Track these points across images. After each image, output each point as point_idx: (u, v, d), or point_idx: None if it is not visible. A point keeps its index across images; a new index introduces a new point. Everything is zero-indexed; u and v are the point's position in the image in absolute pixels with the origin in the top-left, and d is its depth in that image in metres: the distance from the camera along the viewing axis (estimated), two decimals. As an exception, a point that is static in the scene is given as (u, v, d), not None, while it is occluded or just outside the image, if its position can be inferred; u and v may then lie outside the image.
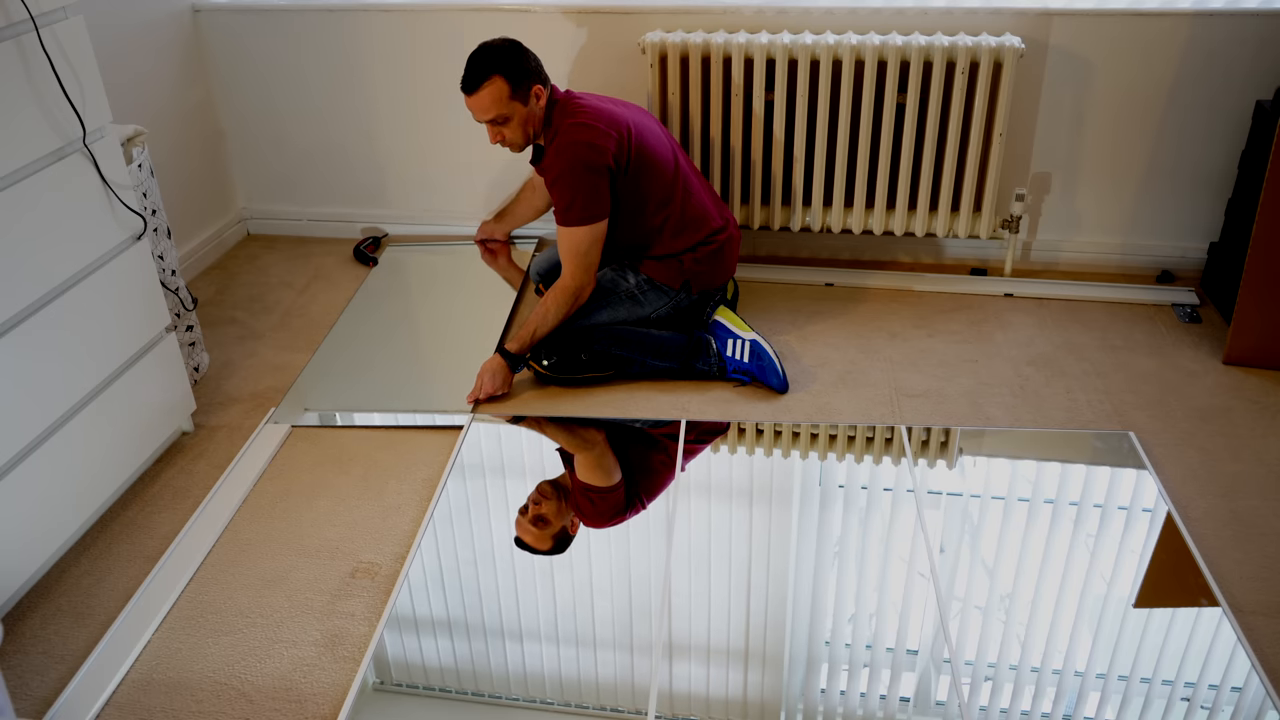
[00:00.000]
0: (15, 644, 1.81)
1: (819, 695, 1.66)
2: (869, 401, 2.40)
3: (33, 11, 1.77)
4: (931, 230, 2.87)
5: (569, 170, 2.29)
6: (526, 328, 2.40)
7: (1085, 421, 2.31)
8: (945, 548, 1.96)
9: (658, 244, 2.47)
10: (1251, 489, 2.09)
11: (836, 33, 2.76)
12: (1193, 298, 2.81)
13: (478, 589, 1.90)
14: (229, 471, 2.22)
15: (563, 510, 2.08)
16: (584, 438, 2.26)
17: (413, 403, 2.44)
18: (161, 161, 2.96)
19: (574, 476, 2.16)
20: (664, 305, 2.51)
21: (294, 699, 1.68)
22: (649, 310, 2.51)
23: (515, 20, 2.93)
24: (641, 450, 2.22)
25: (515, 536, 2.01)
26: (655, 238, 2.46)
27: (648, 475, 2.16)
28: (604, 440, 2.24)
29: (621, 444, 2.24)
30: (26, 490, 1.84)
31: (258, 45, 3.10)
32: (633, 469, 2.17)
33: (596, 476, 2.14)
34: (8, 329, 1.78)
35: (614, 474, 2.14)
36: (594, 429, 2.28)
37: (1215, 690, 1.65)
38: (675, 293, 2.50)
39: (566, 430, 2.30)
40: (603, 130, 2.31)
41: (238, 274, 3.14)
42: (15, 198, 1.77)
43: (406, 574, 1.93)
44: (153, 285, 2.16)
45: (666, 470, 2.16)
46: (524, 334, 2.40)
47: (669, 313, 2.54)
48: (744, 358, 2.42)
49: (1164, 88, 2.75)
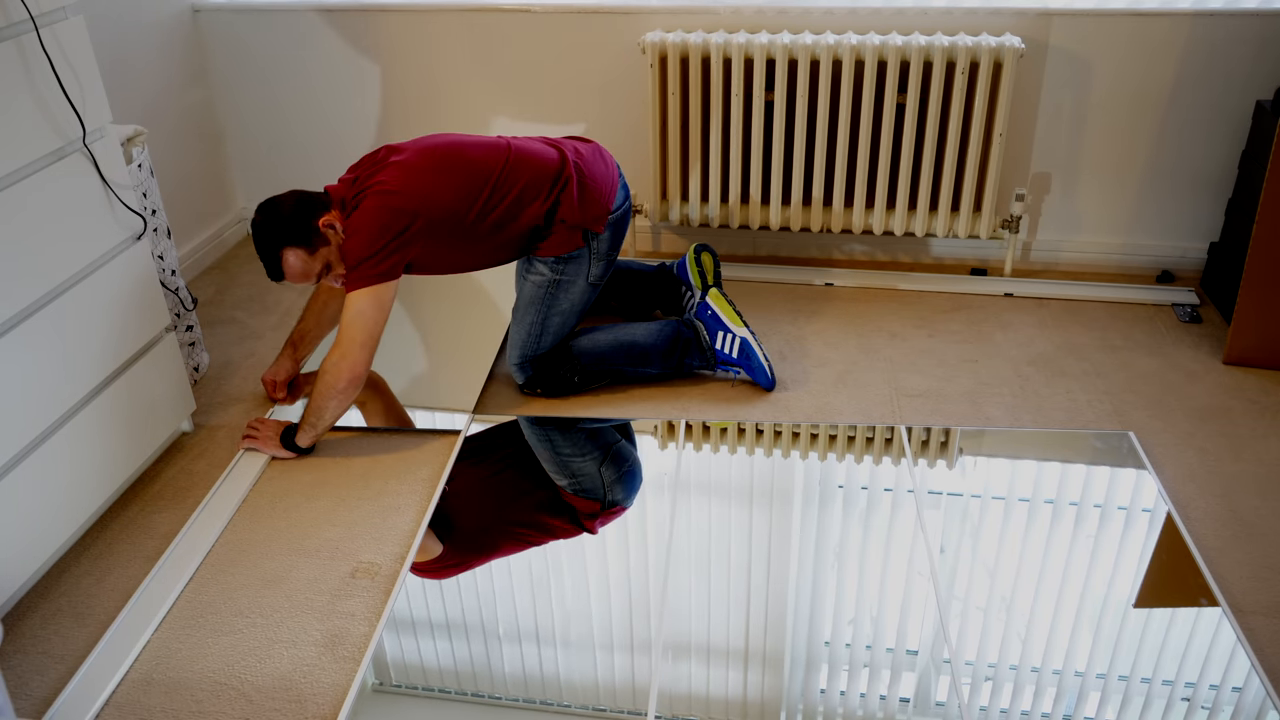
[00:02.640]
0: (15, 644, 1.81)
1: (819, 695, 1.66)
2: (869, 401, 2.40)
3: (33, 11, 1.76)
4: (931, 230, 2.87)
5: (370, 218, 2.10)
6: (306, 421, 2.21)
7: (1085, 421, 2.31)
8: (945, 548, 1.96)
9: (511, 223, 2.23)
10: (1251, 489, 2.09)
11: (836, 33, 2.76)
12: (1193, 298, 2.81)
13: (477, 589, 1.90)
14: (229, 471, 2.22)
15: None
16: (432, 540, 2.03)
17: (413, 402, 2.44)
18: (161, 161, 2.96)
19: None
20: (588, 265, 2.33)
21: (294, 699, 1.68)
22: (583, 279, 2.34)
23: (515, 20, 2.93)
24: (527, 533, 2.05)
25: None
26: (507, 222, 2.24)
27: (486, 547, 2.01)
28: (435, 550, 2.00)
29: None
30: (27, 490, 1.84)
31: (258, 45, 3.10)
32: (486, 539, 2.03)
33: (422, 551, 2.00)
34: (8, 329, 1.78)
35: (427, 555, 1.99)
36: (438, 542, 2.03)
37: (1215, 690, 1.65)
38: (585, 249, 2.31)
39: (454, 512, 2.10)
40: (391, 198, 2.12)
41: (238, 274, 3.14)
42: (15, 197, 1.77)
43: (406, 574, 1.92)
44: (153, 285, 2.16)
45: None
46: (304, 427, 2.22)
47: (603, 268, 2.37)
48: (733, 353, 2.41)
49: (1164, 88, 2.75)
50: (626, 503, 2.11)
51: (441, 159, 2.20)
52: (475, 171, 2.20)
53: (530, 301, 2.36)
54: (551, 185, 2.26)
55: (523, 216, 2.24)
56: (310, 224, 2.13)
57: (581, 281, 2.36)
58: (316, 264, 2.16)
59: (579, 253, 2.32)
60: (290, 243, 2.12)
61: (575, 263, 2.33)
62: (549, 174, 2.26)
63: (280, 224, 2.12)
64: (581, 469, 2.19)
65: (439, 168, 2.18)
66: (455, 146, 2.24)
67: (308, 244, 2.13)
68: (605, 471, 2.19)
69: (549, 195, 2.25)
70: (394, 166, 2.17)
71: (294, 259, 2.14)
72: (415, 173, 2.16)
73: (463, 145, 2.24)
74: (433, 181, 2.16)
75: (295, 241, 2.12)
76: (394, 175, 2.15)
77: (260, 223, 2.14)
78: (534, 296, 2.35)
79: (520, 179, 2.23)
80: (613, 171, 2.38)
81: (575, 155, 2.32)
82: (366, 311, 2.12)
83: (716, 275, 2.61)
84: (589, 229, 2.30)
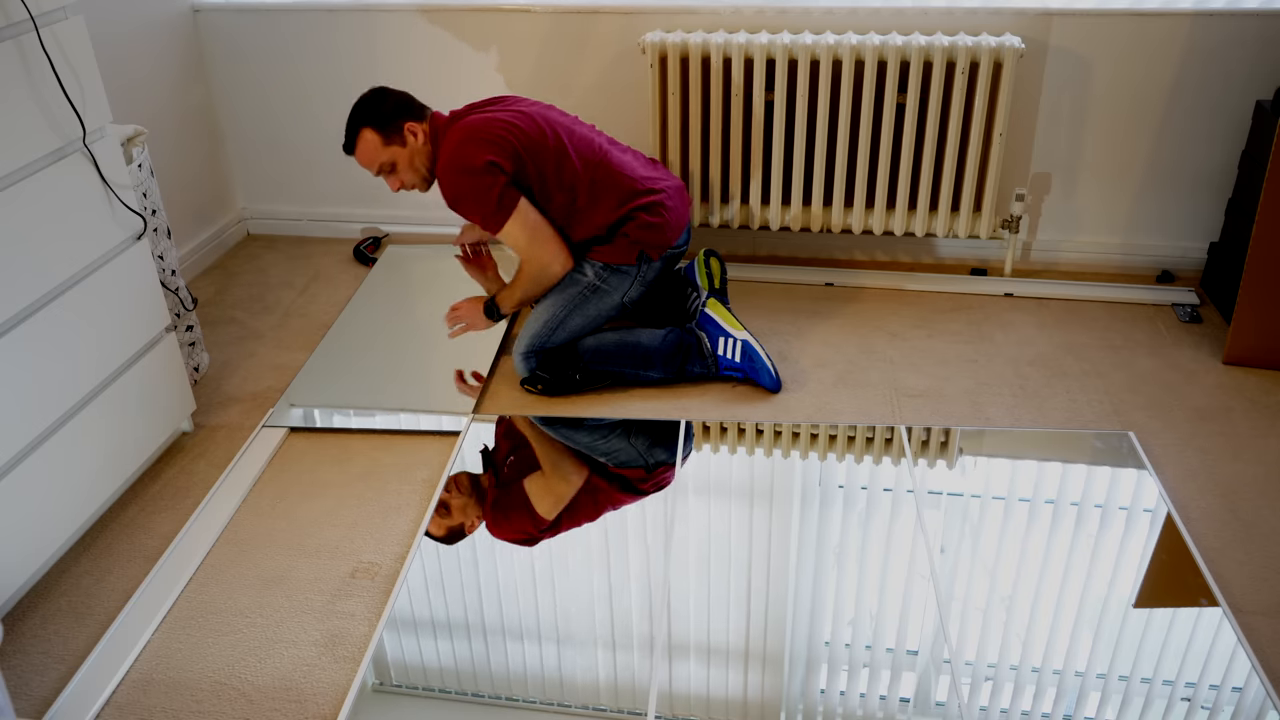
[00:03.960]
0: (15, 644, 1.81)
1: (819, 695, 1.66)
2: (869, 401, 2.40)
3: (33, 11, 1.77)
4: (931, 230, 2.87)
5: (456, 187, 2.29)
6: (514, 289, 2.42)
7: (1085, 421, 2.31)
8: (945, 548, 1.96)
9: (582, 221, 2.38)
10: (1251, 489, 2.09)
11: (836, 33, 2.76)
12: (1193, 298, 2.81)
13: (478, 589, 1.90)
14: (229, 471, 2.22)
15: (470, 509, 2.09)
16: (562, 471, 2.20)
17: (413, 403, 2.44)
18: (161, 161, 2.96)
19: (512, 490, 2.13)
20: (630, 285, 2.43)
21: (294, 699, 1.68)
22: (618, 295, 2.43)
23: (515, 20, 2.93)
24: (604, 496, 2.14)
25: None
26: (573, 214, 2.37)
27: (578, 516, 2.09)
28: (577, 480, 2.17)
29: (592, 488, 2.15)
30: (27, 490, 1.84)
31: (257, 45, 3.10)
32: (575, 508, 2.11)
33: (543, 506, 2.10)
34: (8, 329, 1.78)
35: (552, 512, 2.09)
36: (579, 466, 2.21)
37: (1215, 690, 1.65)
38: (635, 268, 2.42)
39: (552, 452, 2.25)
40: (476, 138, 2.28)
41: (238, 274, 3.14)
42: (15, 197, 1.77)
43: (406, 574, 1.92)
44: (153, 285, 2.16)
45: (600, 512, 2.10)
46: (511, 299, 2.43)
47: (640, 291, 2.46)
48: (735, 357, 2.42)
49: (1164, 88, 2.75)
50: (672, 459, 2.20)
51: (541, 125, 2.35)
52: (564, 155, 2.34)
53: (560, 294, 2.41)
54: (632, 197, 2.39)
55: (595, 215, 2.37)
56: (397, 120, 2.31)
57: (616, 297, 2.43)
58: (384, 155, 2.32)
59: (628, 269, 2.41)
60: (373, 125, 2.30)
61: (620, 276, 2.41)
62: (635, 187, 2.40)
63: (375, 107, 2.31)
64: (611, 446, 2.26)
65: (531, 127, 2.33)
66: (558, 125, 2.38)
67: (384, 134, 2.31)
68: (636, 441, 2.27)
69: (625, 203, 2.38)
70: (491, 116, 2.33)
71: (368, 139, 2.31)
72: (505, 128, 2.30)
73: (568, 129, 2.39)
74: (520, 137, 2.31)
75: (377, 126, 2.30)
76: (487, 124, 2.30)
77: (362, 98, 2.33)
78: (567, 292, 2.41)
79: (606, 183, 2.38)
80: (686, 213, 2.50)
81: (666, 181, 2.48)
82: (516, 233, 2.32)
83: (723, 281, 2.65)
84: (647, 252, 2.40)
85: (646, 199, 2.40)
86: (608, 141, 2.46)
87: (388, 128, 2.30)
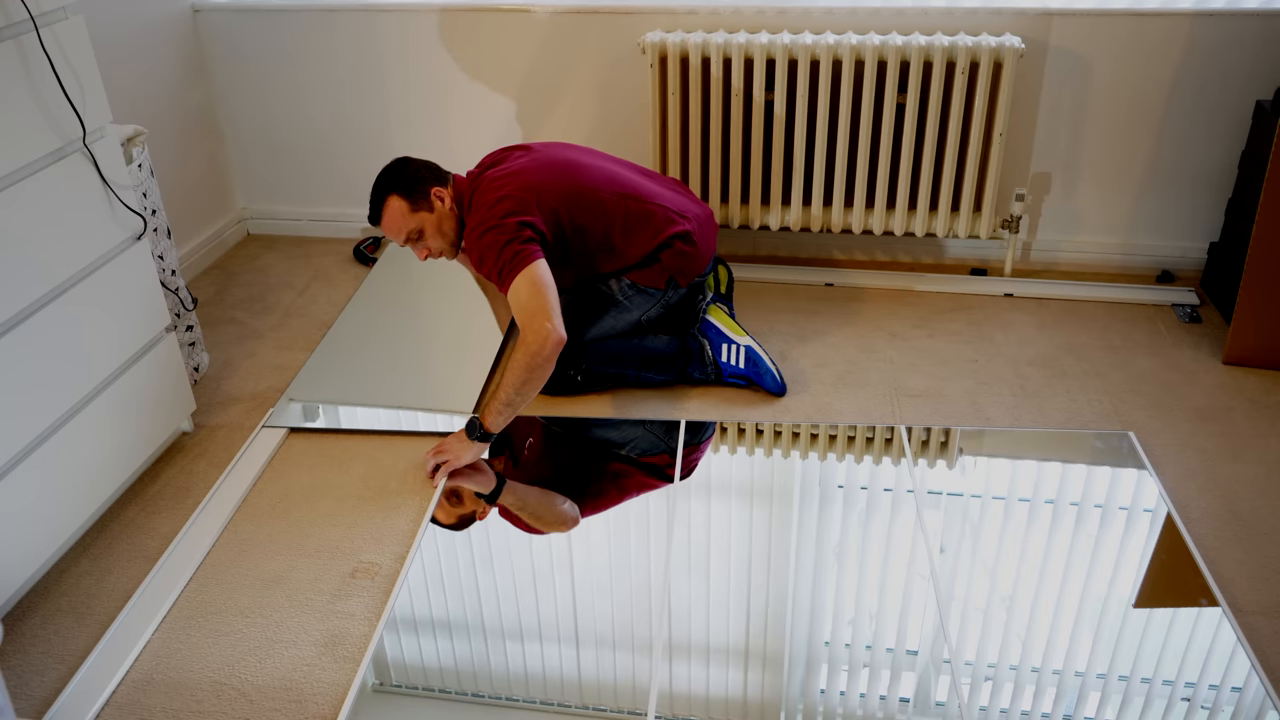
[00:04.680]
0: (15, 644, 1.81)
1: (819, 695, 1.66)
2: (869, 401, 2.40)
3: (33, 11, 1.77)
4: (931, 230, 2.87)
5: (480, 244, 2.19)
6: (497, 399, 2.11)
7: (1085, 421, 2.31)
8: (945, 548, 1.96)
9: (616, 257, 2.35)
10: (1251, 489, 2.09)
11: (836, 33, 2.76)
12: (1193, 298, 2.81)
13: (477, 589, 1.90)
14: (229, 471, 2.22)
15: (476, 499, 2.13)
16: (557, 514, 2.10)
17: (413, 402, 2.44)
18: (161, 161, 2.96)
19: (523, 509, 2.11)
20: (652, 307, 2.42)
21: (294, 699, 1.68)
22: (638, 314, 2.42)
23: (515, 20, 2.93)
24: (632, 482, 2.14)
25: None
26: (609, 253, 2.35)
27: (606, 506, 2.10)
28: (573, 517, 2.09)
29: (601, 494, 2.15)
30: (27, 490, 1.84)
31: (257, 45, 3.10)
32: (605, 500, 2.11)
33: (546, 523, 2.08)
34: (8, 329, 1.78)
35: (555, 527, 2.07)
36: (576, 506, 2.11)
37: (1215, 690, 1.65)
38: (662, 293, 2.42)
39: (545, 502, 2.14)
40: (504, 196, 2.21)
41: (238, 274, 3.14)
42: (15, 197, 1.77)
43: (406, 574, 1.93)
44: (153, 285, 2.16)
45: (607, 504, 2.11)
46: (495, 407, 2.11)
47: (660, 312, 2.46)
48: (739, 363, 2.42)
49: (1164, 88, 2.75)
50: (695, 440, 2.23)
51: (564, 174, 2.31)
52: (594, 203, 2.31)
53: (579, 302, 2.39)
54: (667, 225, 2.37)
55: (632, 248, 2.35)
56: (424, 187, 2.27)
57: (635, 314, 2.42)
58: (412, 222, 2.26)
59: (655, 292, 2.40)
60: (399, 192, 2.25)
61: (645, 297, 2.40)
62: (669, 215, 2.37)
63: (400, 175, 2.27)
64: (628, 435, 2.27)
65: (558, 181, 2.29)
66: (579, 164, 2.35)
67: (412, 200, 2.25)
68: (653, 426, 2.29)
69: (660, 233, 2.36)
70: (510, 169, 2.29)
71: (395, 206, 2.25)
72: (528, 179, 2.26)
73: (590, 166, 2.36)
74: (546, 191, 2.26)
75: (404, 193, 2.25)
76: (509, 179, 2.26)
77: (386, 168, 2.29)
78: (587, 301, 2.40)
79: (639, 215, 2.34)
80: (714, 241, 2.50)
81: (695, 209, 2.46)
82: (521, 290, 2.12)
83: (729, 289, 2.66)
84: (676, 279, 2.39)
85: (683, 226, 2.39)
86: (632, 170, 2.45)
87: (414, 194, 2.25)
